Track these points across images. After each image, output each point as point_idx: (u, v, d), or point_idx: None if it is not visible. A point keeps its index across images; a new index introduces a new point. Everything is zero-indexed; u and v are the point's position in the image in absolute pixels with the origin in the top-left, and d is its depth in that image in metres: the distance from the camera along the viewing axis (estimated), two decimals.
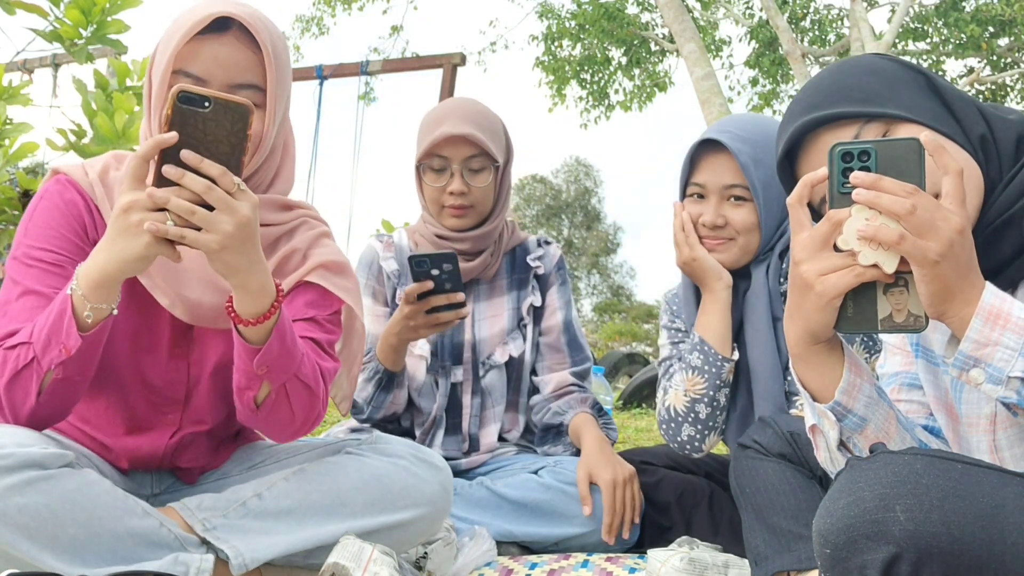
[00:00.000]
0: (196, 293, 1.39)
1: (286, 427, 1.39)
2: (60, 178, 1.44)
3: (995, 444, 1.10)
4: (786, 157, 1.18)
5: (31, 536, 1.19)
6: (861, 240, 0.95)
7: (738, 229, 1.73)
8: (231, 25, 1.35)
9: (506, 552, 1.85)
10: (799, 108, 1.15)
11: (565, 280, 2.22)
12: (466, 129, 2.01)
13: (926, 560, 0.85)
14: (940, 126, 1.08)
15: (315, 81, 6.35)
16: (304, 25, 13.95)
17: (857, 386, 1.05)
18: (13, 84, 2.97)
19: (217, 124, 1.17)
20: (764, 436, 1.47)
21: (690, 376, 1.77)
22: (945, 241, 0.92)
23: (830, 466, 1.11)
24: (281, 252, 1.47)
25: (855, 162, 0.97)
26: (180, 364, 1.45)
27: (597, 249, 29.35)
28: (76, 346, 1.23)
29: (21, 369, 1.26)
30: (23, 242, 1.38)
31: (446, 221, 2.09)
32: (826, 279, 0.97)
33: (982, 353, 0.93)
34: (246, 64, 1.35)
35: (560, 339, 2.16)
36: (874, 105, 1.10)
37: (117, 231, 1.19)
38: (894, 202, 0.93)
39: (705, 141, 1.75)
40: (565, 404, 2.09)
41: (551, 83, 13.24)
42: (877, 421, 1.07)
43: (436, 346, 2.12)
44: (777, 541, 1.36)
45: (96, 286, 1.22)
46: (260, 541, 1.35)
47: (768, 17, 10.03)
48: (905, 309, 0.97)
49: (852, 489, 0.90)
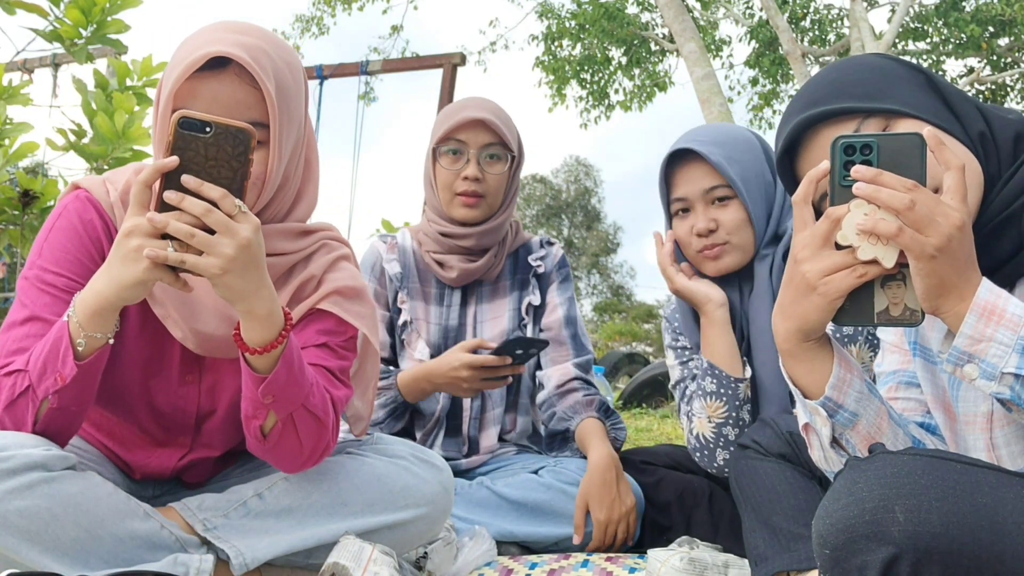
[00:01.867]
0: (210, 326, 1.37)
1: (294, 458, 1.36)
2: (80, 194, 1.41)
3: (992, 442, 1.11)
4: (786, 155, 1.19)
5: (31, 539, 1.19)
6: (860, 235, 0.95)
7: (729, 229, 1.73)
8: (230, 62, 1.29)
9: (506, 552, 1.85)
10: (799, 105, 1.16)
11: (567, 278, 2.22)
12: (487, 115, 2.05)
13: (925, 560, 0.85)
14: (940, 122, 1.08)
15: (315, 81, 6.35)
16: (304, 25, 13.94)
17: (847, 381, 1.05)
18: (13, 84, 2.97)
19: (219, 149, 1.17)
20: (763, 436, 1.47)
21: (709, 402, 1.76)
22: (944, 236, 0.92)
23: (824, 464, 1.11)
24: (297, 280, 1.44)
25: (857, 155, 0.97)
26: (190, 391, 1.44)
27: (597, 249, 29.34)
28: (71, 375, 1.22)
29: (17, 398, 1.25)
30: (36, 262, 1.36)
31: (456, 211, 2.09)
32: (829, 280, 0.97)
33: (976, 349, 0.94)
34: (247, 102, 1.31)
35: (563, 332, 2.15)
36: (874, 101, 1.10)
37: (117, 257, 1.18)
38: (893, 196, 0.93)
39: (674, 156, 1.76)
40: (570, 409, 2.08)
41: (551, 83, 13.24)
42: (868, 416, 1.07)
43: (437, 348, 2.12)
44: (777, 541, 1.36)
45: (93, 314, 1.21)
46: (260, 541, 1.35)
47: (768, 17, 10.03)
48: (902, 303, 0.97)
49: (851, 490, 0.90)
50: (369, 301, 1.50)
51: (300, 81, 1.39)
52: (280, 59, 1.34)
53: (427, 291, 2.17)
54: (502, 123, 2.07)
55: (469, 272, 2.13)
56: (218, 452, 1.50)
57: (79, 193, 1.41)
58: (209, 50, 1.28)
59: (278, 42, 1.37)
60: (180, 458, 1.48)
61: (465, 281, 2.15)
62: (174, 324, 1.37)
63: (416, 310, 2.15)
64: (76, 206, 1.39)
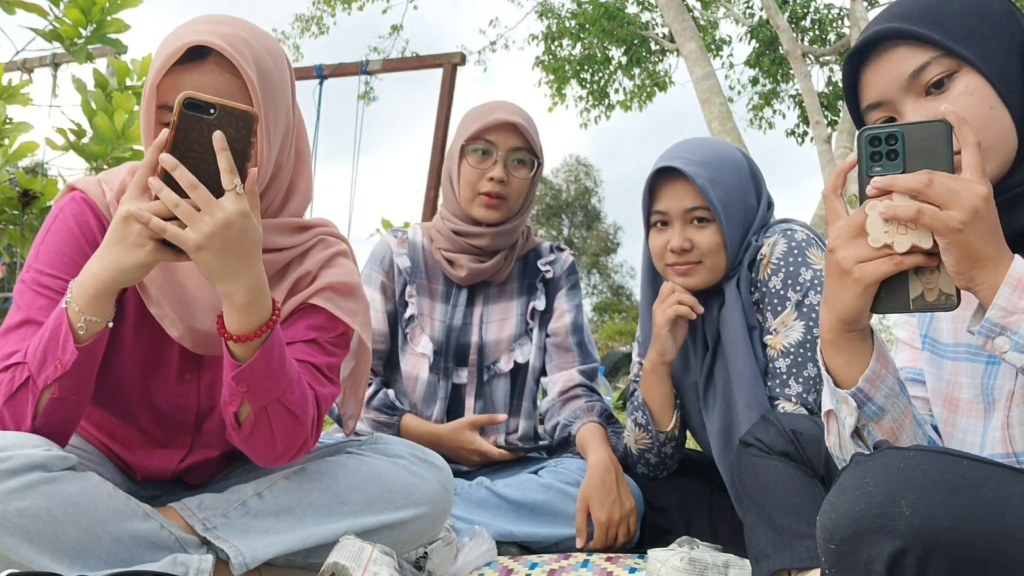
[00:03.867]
0: (207, 324, 1.37)
1: (268, 451, 1.34)
2: (76, 195, 1.41)
3: (1008, 420, 1.11)
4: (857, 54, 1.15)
5: (31, 539, 1.19)
6: (888, 225, 0.95)
7: (704, 251, 1.76)
8: (209, 52, 1.30)
9: (506, 552, 1.85)
10: (888, 14, 1.12)
11: (575, 285, 2.22)
12: (519, 120, 2.08)
13: (932, 555, 0.84)
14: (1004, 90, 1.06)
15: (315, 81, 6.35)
16: (304, 25, 13.93)
17: (881, 376, 1.06)
18: (13, 84, 2.97)
19: (223, 130, 1.18)
20: (766, 434, 1.47)
21: (637, 432, 1.89)
22: (967, 208, 0.92)
23: (837, 451, 1.12)
24: (293, 275, 1.44)
25: (883, 146, 0.98)
26: (189, 389, 1.44)
27: (597, 249, 29.33)
28: (72, 360, 1.22)
29: (16, 391, 1.25)
30: (33, 265, 1.36)
31: (476, 210, 2.10)
32: (864, 266, 0.97)
33: (1009, 321, 0.93)
34: (230, 91, 1.30)
35: (569, 339, 2.16)
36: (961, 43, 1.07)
37: (115, 240, 1.18)
38: (909, 179, 0.93)
39: (661, 170, 1.78)
40: (572, 414, 2.08)
41: (551, 83, 13.24)
42: (895, 413, 1.08)
43: (440, 346, 2.12)
44: (778, 539, 1.36)
45: (92, 298, 1.21)
46: (260, 540, 1.35)
47: (768, 16, 10.03)
48: (936, 288, 0.97)
49: (857, 484, 0.90)
50: (363, 298, 1.50)
51: (284, 69, 1.39)
52: (260, 46, 1.34)
53: (434, 288, 2.17)
54: (532, 129, 2.11)
55: (478, 272, 2.13)
56: (218, 451, 1.50)
57: (75, 194, 1.41)
58: (187, 41, 1.28)
59: (258, 31, 1.37)
60: (181, 459, 1.48)
61: (473, 280, 2.15)
62: (171, 324, 1.37)
63: (422, 306, 2.15)
64: (72, 208, 1.39)
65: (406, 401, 2.13)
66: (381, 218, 4.05)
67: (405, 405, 2.12)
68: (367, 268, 2.20)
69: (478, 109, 2.14)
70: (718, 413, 1.78)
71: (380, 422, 2.06)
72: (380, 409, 2.08)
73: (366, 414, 2.08)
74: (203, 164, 1.18)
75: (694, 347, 1.85)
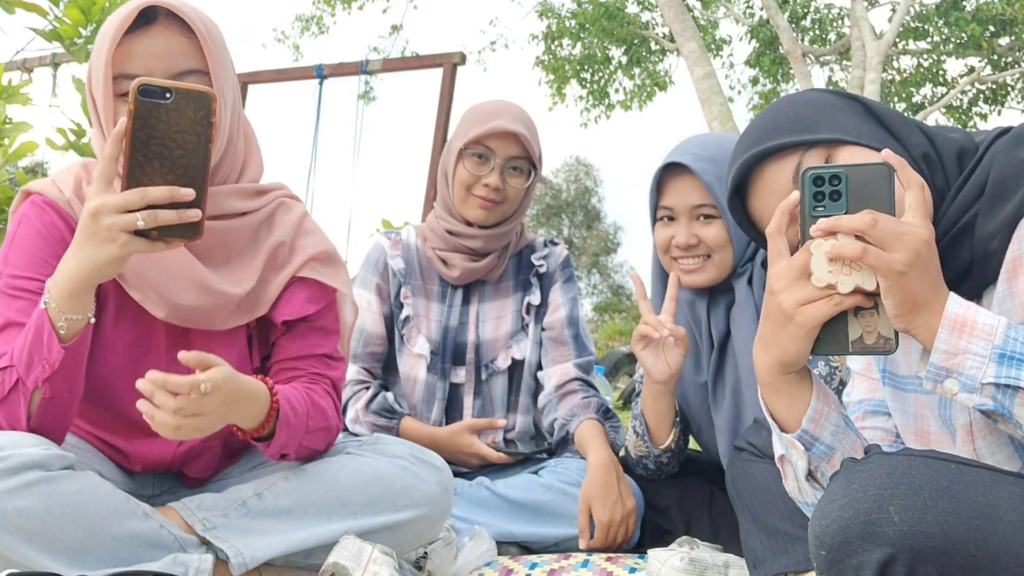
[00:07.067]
0: (191, 299, 1.38)
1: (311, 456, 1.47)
2: (35, 199, 1.40)
3: (976, 454, 1.10)
4: (736, 193, 1.22)
5: (30, 539, 1.19)
6: (832, 265, 0.95)
7: (711, 246, 1.76)
8: (157, 15, 1.33)
9: (506, 552, 1.85)
10: (742, 146, 1.18)
11: (570, 278, 2.21)
12: (520, 129, 2.06)
13: (921, 560, 0.85)
14: (881, 146, 1.09)
15: (315, 80, 6.35)
16: (304, 24, 13.93)
17: (824, 414, 1.05)
18: (13, 83, 2.96)
19: (181, 114, 1.17)
20: (759, 438, 1.47)
21: (635, 440, 1.89)
22: (911, 250, 0.92)
23: (798, 496, 1.11)
24: (267, 244, 1.47)
25: (826, 186, 0.98)
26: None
27: (597, 249, 29.32)
28: (59, 359, 1.22)
29: (8, 394, 1.25)
30: (4, 272, 1.36)
31: (470, 211, 2.09)
32: (806, 309, 0.96)
33: (953, 363, 0.93)
34: (182, 50, 1.33)
35: (565, 332, 2.15)
36: (812, 132, 1.12)
37: (86, 236, 1.18)
38: (854, 219, 0.93)
39: (669, 165, 1.78)
40: (569, 412, 2.07)
41: (551, 82, 13.23)
42: (844, 449, 1.07)
43: (438, 345, 2.12)
44: (774, 543, 1.36)
45: (69, 296, 1.21)
46: (260, 541, 1.35)
47: (768, 16, 10.03)
48: (875, 331, 0.97)
49: (846, 491, 0.90)
50: (341, 262, 1.57)
51: (224, 37, 1.43)
52: (202, 11, 1.39)
53: (429, 288, 2.17)
54: (532, 137, 2.09)
55: (472, 271, 2.13)
56: (216, 437, 1.49)
57: (34, 198, 1.41)
58: (137, 4, 1.32)
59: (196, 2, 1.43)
60: (178, 444, 1.47)
61: (467, 280, 2.15)
62: (155, 304, 1.38)
63: (418, 306, 2.15)
64: (34, 212, 1.39)
65: (405, 403, 2.13)
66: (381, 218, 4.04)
67: (404, 407, 2.12)
68: (362, 271, 2.21)
69: (479, 109, 2.13)
70: (727, 412, 1.79)
71: (379, 426, 2.06)
72: (379, 412, 2.08)
73: (365, 418, 2.08)
74: (164, 151, 1.17)
75: (701, 345, 1.85)
